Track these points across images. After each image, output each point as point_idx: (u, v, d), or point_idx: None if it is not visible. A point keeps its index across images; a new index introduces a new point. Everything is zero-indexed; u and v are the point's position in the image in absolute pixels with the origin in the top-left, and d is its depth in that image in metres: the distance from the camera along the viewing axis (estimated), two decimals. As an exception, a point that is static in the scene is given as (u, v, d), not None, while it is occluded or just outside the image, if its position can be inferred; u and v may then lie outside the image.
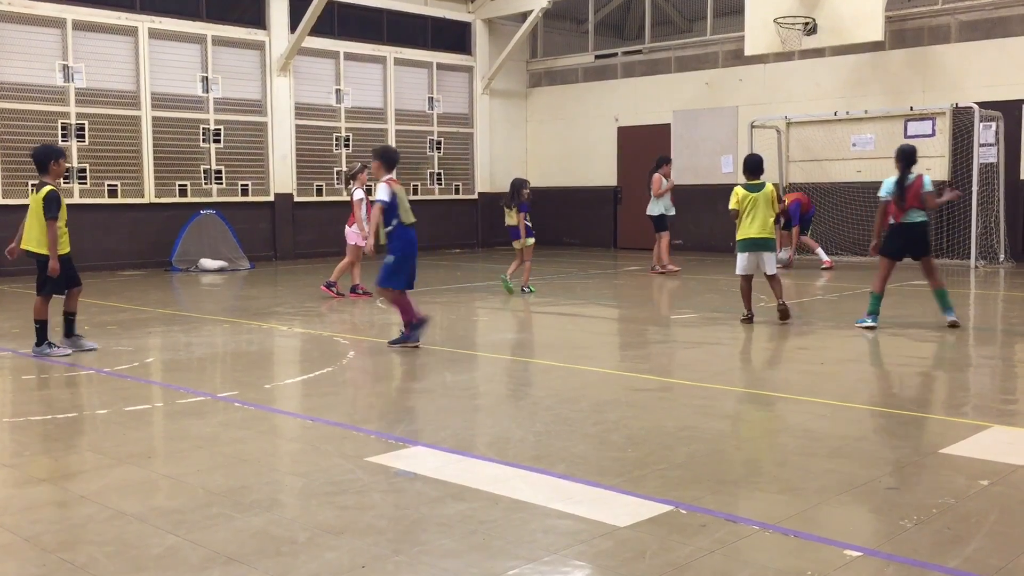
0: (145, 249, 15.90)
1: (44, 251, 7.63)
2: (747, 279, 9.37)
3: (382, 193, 7.95)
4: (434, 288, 12.97)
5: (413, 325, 8.12)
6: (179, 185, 16.45)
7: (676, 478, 4.44)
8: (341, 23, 18.52)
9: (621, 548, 3.57)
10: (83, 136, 15.18)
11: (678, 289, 12.89)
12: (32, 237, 7.71)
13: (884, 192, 8.73)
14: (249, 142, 17.36)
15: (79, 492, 4.31)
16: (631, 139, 19.89)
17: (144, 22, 15.85)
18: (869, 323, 8.90)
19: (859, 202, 16.20)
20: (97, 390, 6.66)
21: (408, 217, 8.03)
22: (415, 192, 19.90)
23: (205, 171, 16.77)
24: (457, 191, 20.79)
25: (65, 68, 15.08)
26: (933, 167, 15.86)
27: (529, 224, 11.95)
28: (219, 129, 16.86)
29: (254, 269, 15.92)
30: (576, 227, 20.80)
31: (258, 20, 17.36)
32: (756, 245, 9.15)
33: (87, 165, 15.30)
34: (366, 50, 18.93)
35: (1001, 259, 14.94)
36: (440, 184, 20.42)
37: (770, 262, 9.22)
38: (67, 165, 8.19)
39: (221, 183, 16.96)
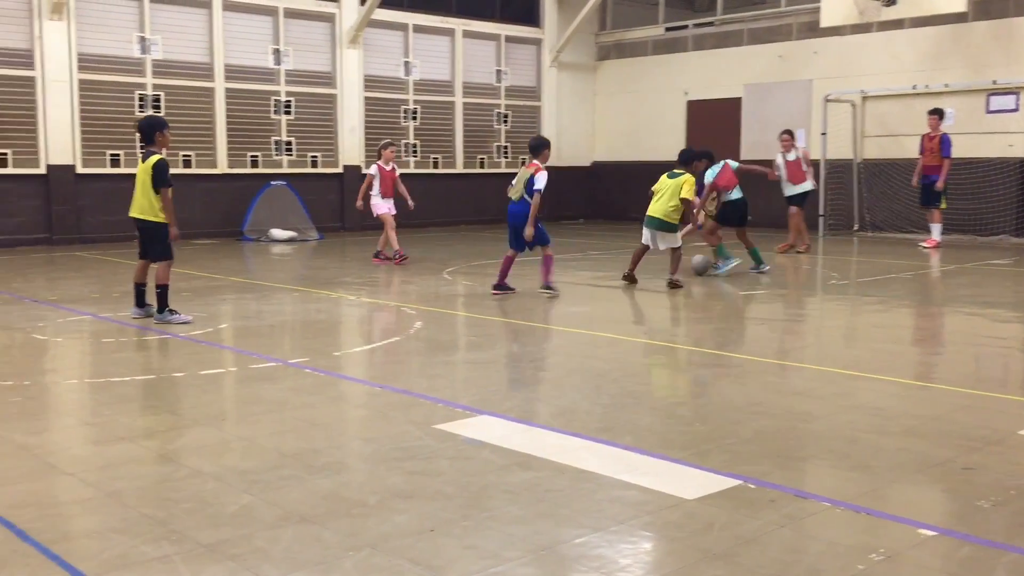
0: (218, 219, 16.21)
1: (153, 218, 7.79)
2: (643, 248, 10.36)
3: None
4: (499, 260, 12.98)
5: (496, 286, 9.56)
6: (251, 156, 16.72)
7: (744, 453, 4.40)
8: (411, -5, 18.57)
9: (689, 520, 3.56)
10: (159, 107, 15.49)
11: (740, 264, 12.71)
12: (138, 205, 7.85)
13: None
14: (319, 114, 17.54)
15: (158, 451, 4.44)
16: (701, 113, 19.60)
17: (218, -6, 16.08)
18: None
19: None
20: (174, 354, 6.84)
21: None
22: (481, 165, 19.92)
23: (276, 142, 17.01)
24: (524, 164, 20.71)
25: (142, 40, 15.40)
26: (1016, 143, 15.34)
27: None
28: (290, 101, 17.06)
29: (323, 240, 16.14)
30: (643, 202, 20.60)
31: (329, -8, 17.48)
32: (651, 223, 10.21)
33: (168, 131, 15.58)
34: (434, 22, 18.94)
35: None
36: (507, 157, 20.39)
37: (661, 241, 10.16)
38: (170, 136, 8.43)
39: (291, 154, 17.19)
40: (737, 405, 5.30)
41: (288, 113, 17.06)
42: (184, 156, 15.92)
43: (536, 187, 9.24)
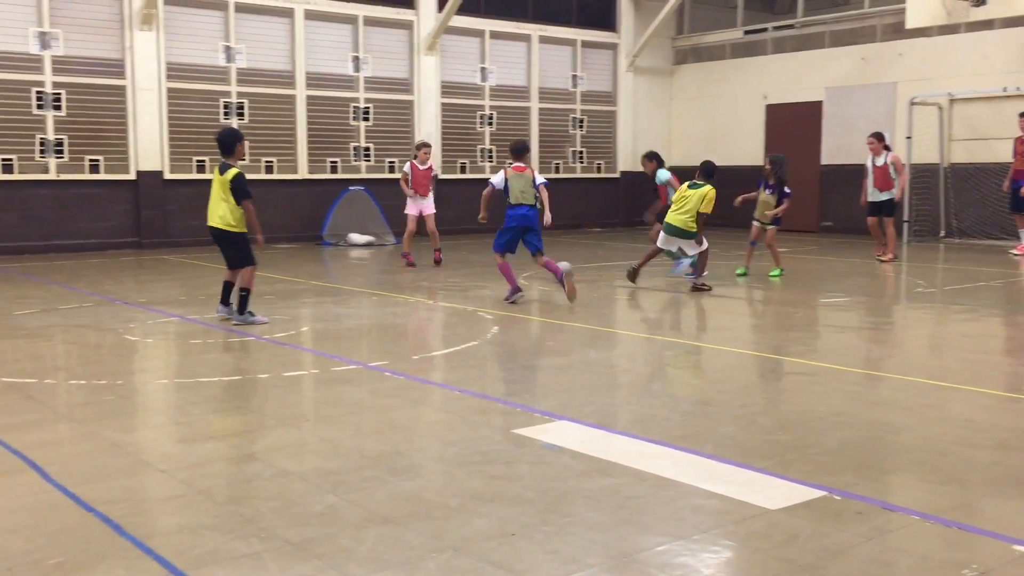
0: (298, 223, 16.53)
1: (231, 228, 7.98)
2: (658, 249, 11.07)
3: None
4: (575, 266, 12.96)
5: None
6: (330, 162, 17.02)
7: (828, 463, 4.32)
8: (487, 1, 18.67)
9: (773, 531, 3.51)
10: (243, 114, 15.88)
11: (822, 272, 12.47)
12: (216, 215, 8.07)
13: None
14: (396, 120, 17.77)
15: (245, 450, 4.55)
16: (780, 117, 19.29)
17: (300, 4, 16.41)
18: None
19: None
20: (258, 356, 7.00)
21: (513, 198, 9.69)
22: (556, 171, 19.92)
23: (355, 148, 17.29)
24: (599, 169, 20.69)
25: (227, 49, 15.81)
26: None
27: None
28: (368, 107, 17.32)
29: (399, 244, 16.32)
30: (721, 207, 20.33)
31: (407, 0, 17.69)
32: (670, 231, 10.71)
33: (246, 142, 15.99)
34: (511, 28, 19.03)
35: None
36: (582, 162, 20.37)
37: (686, 247, 10.73)
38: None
39: (369, 160, 17.45)
40: (820, 415, 5.20)
41: (367, 119, 17.32)
42: (266, 162, 16.28)
43: (541, 182, 9.91)
